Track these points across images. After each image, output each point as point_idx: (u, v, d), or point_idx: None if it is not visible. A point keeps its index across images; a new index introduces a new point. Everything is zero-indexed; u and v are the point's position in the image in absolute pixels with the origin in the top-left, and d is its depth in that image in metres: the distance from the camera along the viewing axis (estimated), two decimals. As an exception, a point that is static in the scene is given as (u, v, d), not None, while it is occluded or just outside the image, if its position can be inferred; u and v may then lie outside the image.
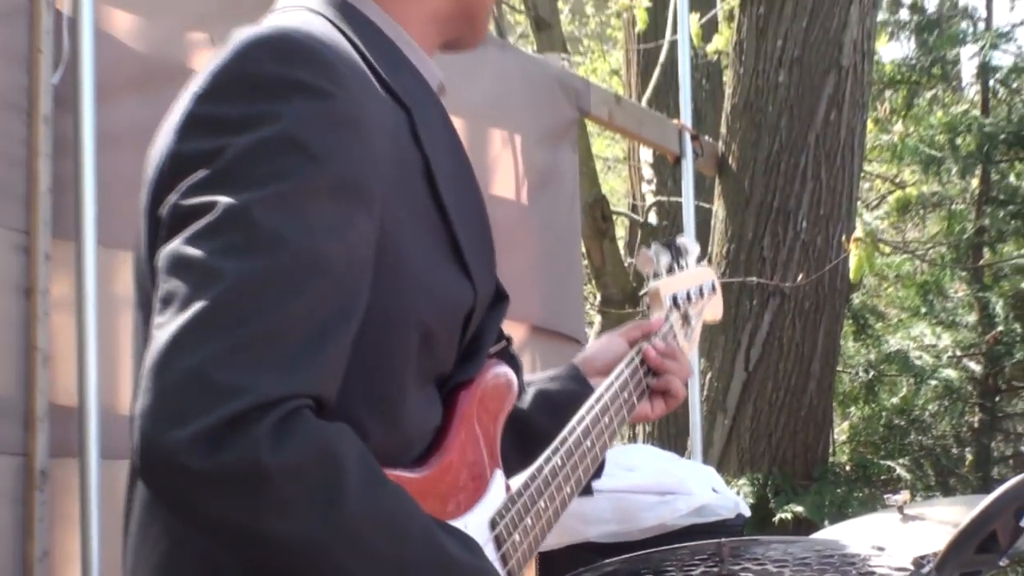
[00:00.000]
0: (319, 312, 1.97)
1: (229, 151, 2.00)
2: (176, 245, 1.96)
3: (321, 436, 1.93)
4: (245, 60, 2.10)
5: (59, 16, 3.99)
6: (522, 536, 2.36)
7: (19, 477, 3.84)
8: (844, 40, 8.80)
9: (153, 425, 1.87)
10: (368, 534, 1.97)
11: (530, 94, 6.29)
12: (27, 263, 3.91)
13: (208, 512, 1.92)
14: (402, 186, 2.17)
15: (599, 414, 2.60)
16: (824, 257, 8.61)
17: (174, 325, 1.89)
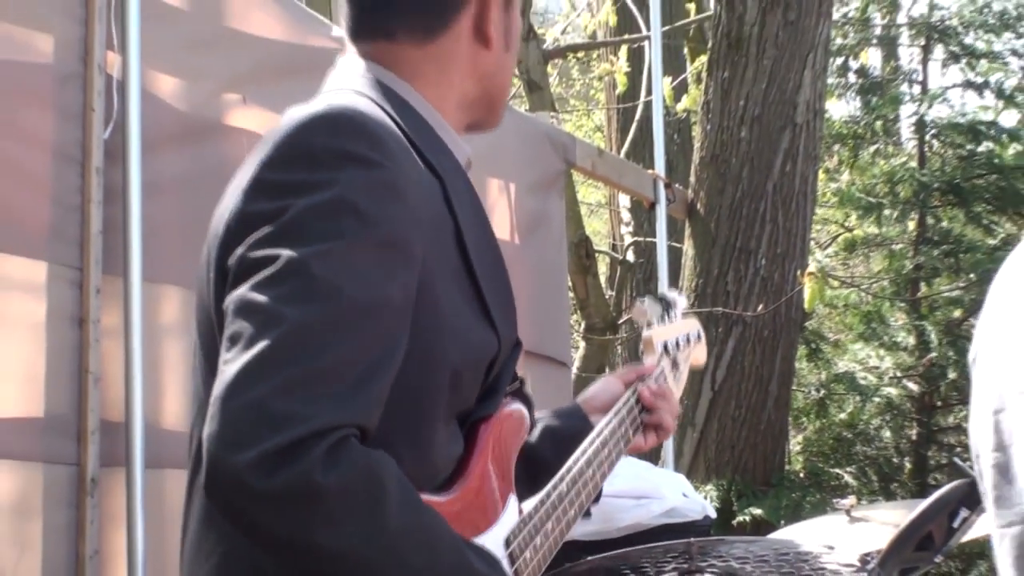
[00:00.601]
0: (366, 354, 1.99)
1: (291, 211, 2.02)
2: (243, 291, 1.99)
3: (366, 461, 1.95)
4: (305, 134, 2.13)
5: (110, 79, 4.00)
6: (532, 554, 2.35)
7: (73, 484, 3.85)
8: (798, 100, 8.81)
9: (220, 448, 1.90)
10: (405, 548, 1.99)
11: (523, 147, 6.30)
12: (80, 296, 3.91)
13: (266, 526, 1.94)
14: (437, 245, 2.18)
15: (599, 447, 2.60)
16: (781, 290, 8.61)
17: (240, 361, 1.92)
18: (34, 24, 3.92)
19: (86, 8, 3.99)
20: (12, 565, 3.73)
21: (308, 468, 1.87)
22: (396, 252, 2.07)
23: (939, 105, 10.89)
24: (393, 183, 2.09)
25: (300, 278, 1.97)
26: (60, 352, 3.86)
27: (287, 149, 2.12)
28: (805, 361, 10.35)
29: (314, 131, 2.13)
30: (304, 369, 1.92)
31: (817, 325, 10.74)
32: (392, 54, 2.35)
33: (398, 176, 2.11)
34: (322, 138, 2.12)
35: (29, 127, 3.87)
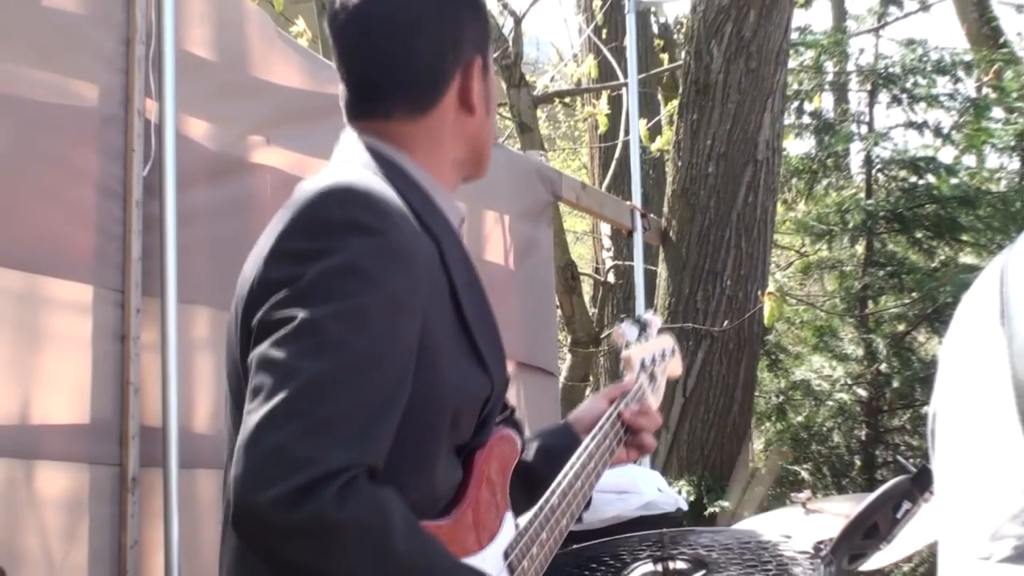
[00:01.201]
0: (373, 402, 2.01)
1: (306, 277, 2.04)
2: (264, 348, 2.01)
3: (374, 498, 1.97)
4: (316, 206, 2.15)
5: (148, 123, 4.00)
6: (529, 563, 2.36)
7: (115, 482, 3.84)
8: (759, 140, 8.82)
9: (244, 489, 1.93)
10: (409, 573, 2.01)
11: (515, 182, 6.31)
12: (122, 315, 3.91)
13: (286, 557, 1.97)
14: (436, 302, 2.20)
15: (587, 460, 2.59)
16: (744, 308, 8.61)
17: (262, 412, 1.94)
18: (82, 74, 3.92)
19: (127, 60, 4.00)
20: (62, 554, 3.72)
21: (322, 505, 1.89)
22: (399, 310, 2.09)
23: (884, 143, 10.88)
24: (395, 248, 2.11)
25: (313, 336, 2.00)
26: (104, 365, 3.86)
27: (302, 221, 2.15)
28: (766, 370, 10.33)
29: (324, 204, 2.15)
30: (318, 417, 1.95)
31: (777, 339, 10.71)
32: (390, 130, 2.35)
33: (399, 242, 2.12)
34: (331, 210, 2.14)
35: (77, 165, 3.87)
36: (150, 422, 3.93)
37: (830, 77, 11.85)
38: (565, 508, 2.49)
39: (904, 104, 10.89)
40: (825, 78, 11.80)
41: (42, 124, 3.78)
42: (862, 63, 11.11)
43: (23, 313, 3.70)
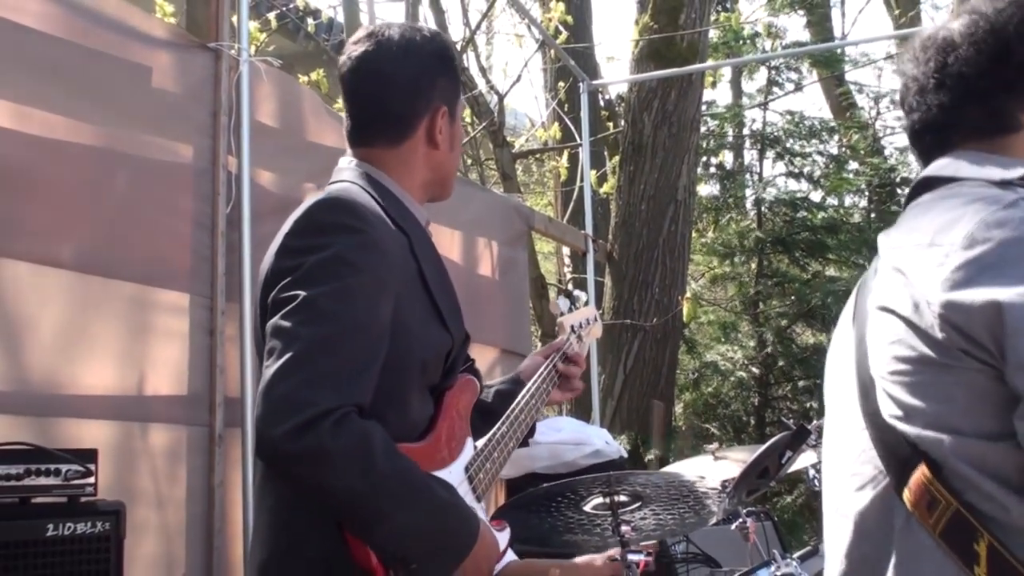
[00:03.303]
0: (358, 358, 2.05)
1: (305, 265, 2.08)
2: (275, 320, 2.05)
3: (361, 429, 2.00)
4: (313, 213, 2.20)
5: (229, 174, 4.00)
6: (484, 475, 2.39)
7: (206, 439, 3.84)
8: (679, 185, 8.83)
9: (263, 426, 1.95)
10: (389, 484, 2.03)
11: (499, 217, 6.31)
12: (211, 316, 3.91)
13: (295, 475, 1.99)
14: (407, 281, 2.24)
15: (528, 399, 2.63)
16: (668, 309, 8.62)
17: (274, 367, 1.98)
18: (181, 138, 3.92)
19: (214, 127, 4.00)
20: (167, 492, 3.72)
21: (321, 435, 1.93)
22: (377, 288, 2.12)
23: (770, 188, 10.94)
24: (374, 242, 2.14)
25: (311, 309, 2.03)
26: (198, 352, 3.86)
27: (302, 224, 2.20)
28: (685, 354, 10.34)
29: (319, 211, 2.20)
30: (316, 370, 1.98)
31: (694, 331, 10.73)
32: (374, 155, 2.39)
33: (377, 237, 2.16)
34: (324, 215, 2.18)
35: (177, 205, 3.87)
36: (232, 394, 3.92)
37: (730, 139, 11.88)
38: (512, 434, 2.54)
39: (785, 159, 10.94)
40: (727, 140, 11.83)
41: (152, 174, 3.78)
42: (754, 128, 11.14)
43: (138, 314, 3.70)
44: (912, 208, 1.67)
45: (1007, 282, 1.40)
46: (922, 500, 1.47)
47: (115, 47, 3.68)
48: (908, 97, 1.74)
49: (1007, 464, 1.42)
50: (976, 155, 1.66)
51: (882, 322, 1.56)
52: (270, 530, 2.19)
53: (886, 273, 1.59)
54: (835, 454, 1.70)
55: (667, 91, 8.81)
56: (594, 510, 3.24)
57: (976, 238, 1.45)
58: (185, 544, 3.72)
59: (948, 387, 1.46)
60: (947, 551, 1.45)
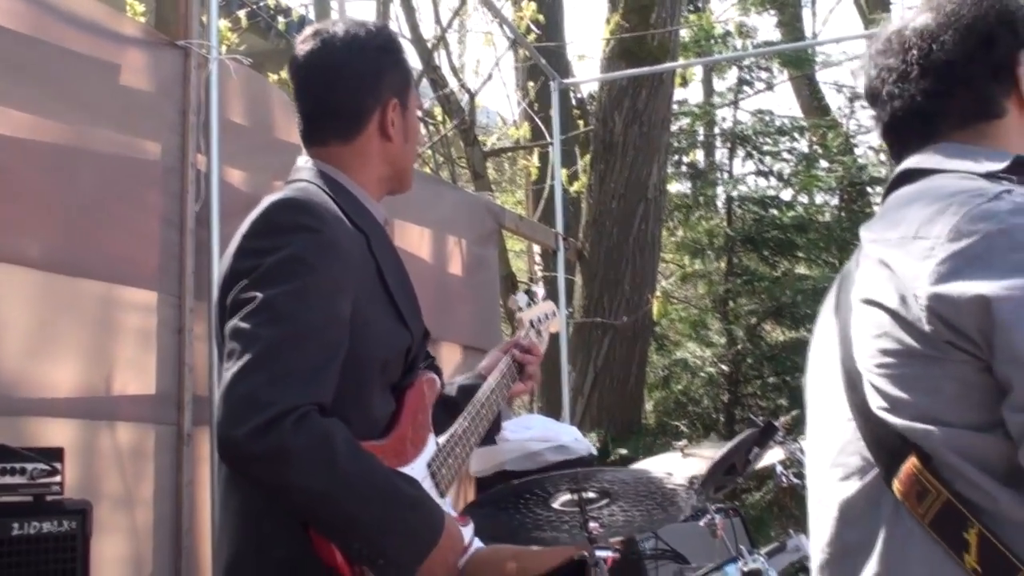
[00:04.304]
0: (317, 357, 2.05)
1: (262, 266, 2.08)
2: (234, 321, 2.05)
3: (322, 427, 2.01)
4: (270, 214, 2.20)
5: (198, 172, 3.99)
6: (447, 470, 2.41)
7: (174, 437, 3.83)
8: (649, 184, 8.86)
9: (224, 426, 1.96)
10: (351, 482, 2.04)
11: (470, 215, 6.31)
12: (179, 314, 3.90)
13: (258, 476, 2.00)
14: (365, 280, 2.24)
15: (490, 394, 2.65)
16: (639, 307, 8.64)
17: (234, 368, 1.99)
18: (150, 136, 3.91)
19: (183, 125, 3.99)
20: (135, 491, 3.70)
21: (282, 435, 1.93)
22: (333, 288, 2.12)
23: (740, 186, 10.97)
24: (330, 242, 2.15)
25: (270, 310, 2.03)
26: (166, 350, 3.84)
27: (259, 224, 2.19)
28: (655, 352, 10.37)
29: (276, 211, 2.20)
30: (275, 370, 1.98)
31: (664, 329, 10.76)
32: (329, 153, 2.39)
33: (334, 237, 2.16)
34: (281, 216, 2.18)
35: (145, 202, 3.85)
36: (200, 392, 3.91)
37: (702, 137, 11.92)
38: (474, 430, 2.56)
39: (755, 157, 10.98)
40: (698, 138, 11.86)
41: (120, 172, 3.76)
42: (724, 127, 11.18)
43: (106, 312, 3.68)
44: (893, 200, 1.68)
45: (994, 275, 1.41)
46: (912, 490, 1.48)
47: (84, 45, 3.67)
48: (885, 87, 1.74)
49: (994, 454, 1.44)
50: (959, 146, 1.67)
51: (867, 315, 1.57)
52: (236, 530, 2.19)
53: (870, 266, 1.59)
54: (820, 446, 1.71)
55: (638, 90, 8.83)
56: (562, 507, 3.25)
57: (962, 231, 1.46)
58: (153, 544, 3.71)
59: (935, 379, 1.47)
60: (936, 539, 1.47)
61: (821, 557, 1.65)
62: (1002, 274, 1.41)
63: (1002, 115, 1.69)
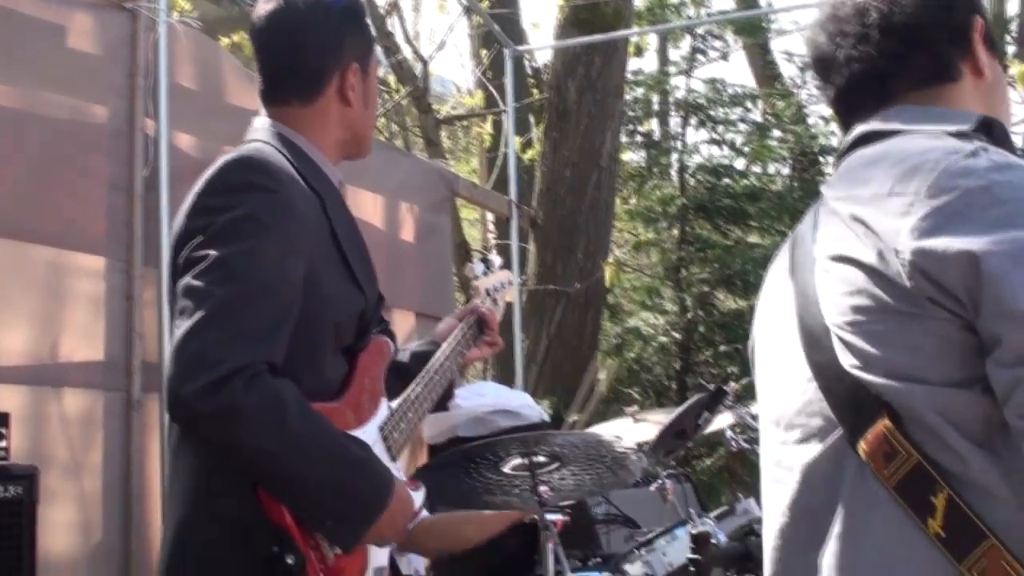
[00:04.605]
0: (269, 316, 2.04)
1: (216, 225, 2.07)
2: (186, 279, 2.04)
3: (273, 387, 2.00)
4: (225, 173, 2.18)
5: (147, 136, 3.96)
6: (399, 434, 2.41)
7: (123, 404, 3.81)
8: (603, 152, 8.85)
9: (174, 384, 1.96)
10: (302, 442, 2.04)
11: (423, 182, 6.29)
12: (128, 280, 3.87)
13: (208, 434, 2.00)
14: (319, 241, 2.23)
15: (444, 360, 2.63)
16: (592, 274, 8.65)
17: (185, 326, 1.98)
18: (97, 99, 3.88)
19: (131, 89, 3.95)
20: (83, 458, 3.69)
21: (233, 394, 1.93)
22: (287, 248, 2.11)
23: (694, 155, 11.00)
24: (285, 202, 2.13)
25: (222, 269, 2.02)
26: (115, 317, 3.82)
27: (214, 183, 2.17)
28: (608, 320, 10.39)
29: (230, 170, 2.18)
30: (227, 329, 1.98)
31: (617, 297, 10.78)
32: (288, 113, 2.37)
33: (288, 197, 2.15)
34: (235, 175, 2.16)
35: (92, 167, 3.82)
36: (149, 359, 3.89)
37: (656, 107, 11.93)
38: (427, 395, 2.55)
39: (708, 126, 11.00)
40: (652, 107, 11.87)
41: (66, 136, 3.73)
42: (678, 96, 11.19)
43: (53, 278, 3.65)
44: (856, 160, 1.65)
45: (978, 231, 1.40)
46: (879, 451, 1.47)
47: (28, 6, 3.62)
48: (842, 51, 1.73)
49: (971, 413, 1.43)
50: (921, 108, 1.67)
51: (837, 272, 1.54)
52: (186, 491, 2.18)
53: (837, 223, 1.57)
54: (775, 408, 1.69)
55: (592, 58, 8.81)
56: (513, 471, 3.26)
57: (942, 187, 1.45)
58: (102, 510, 3.70)
59: (914, 336, 1.46)
60: (901, 503, 1.45)
61: (780, 520, 1.62)
62: (986, 229, 1.40)
63: (958, 79, 1.69)
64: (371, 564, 2.26)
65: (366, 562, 2.25)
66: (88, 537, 3.64)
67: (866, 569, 1.49)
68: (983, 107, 1.69)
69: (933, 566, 1.43)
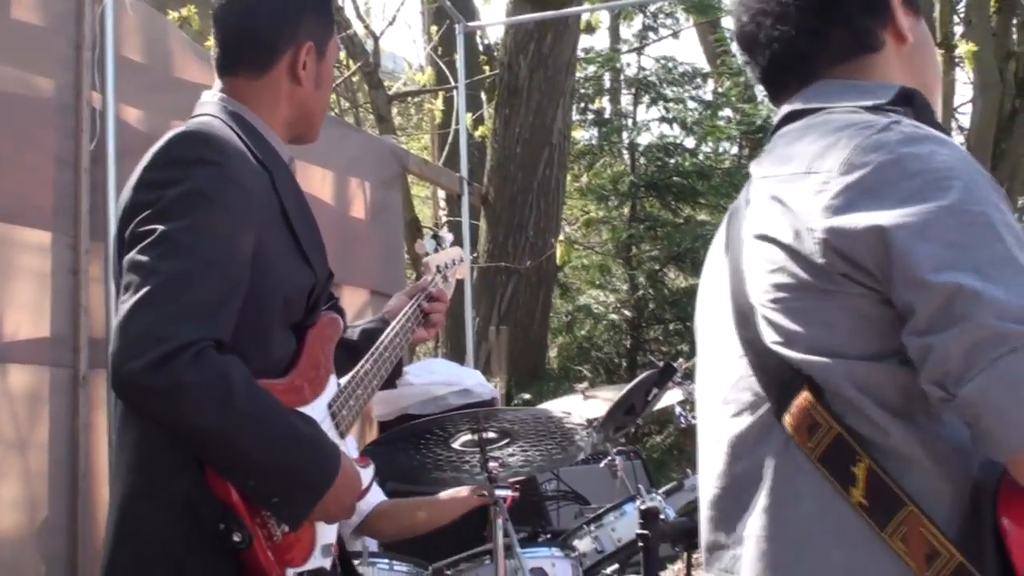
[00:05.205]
0: (216, 292, 2.02)
1: (163, 199, 2.04)
2: (133, 254, 2.01)
3: (219, 364, 1.98)
4: (171, 146, 2.15)
5: (93, 110, 3.91)
6: (347, 411, 2.39)
7: (70, 380, 3.77)
8: (554, 129, 8.87)
9: (119, 360, 1.93)
10: (248, 420, 2.02)
11: (374, 158, 6.27)
12: (74, 255, 3.83)
13: (152, 410, 1.98)
14: (268, 217, 2.20)
15: (393, 338, 2.62)
16: (543, 251, 8.68)
17: (131, 301, 1.95)
18: (43, 72, 3.82)
19: (77, 62, 3.90)
20: (29, 434, 3.65)
21: (178, 370, 1.91)
22: (235, 223, 2.09)
23: (645, 133, 11.05)
24: (234, 176, 2.12)
25: (169, 244, 2.00)
26: (61, 292, 3.78)
27: (160, 157, 2.14)
28: (559, 298, 10.44)
29: (177, 144, 2.15)
30: (174, 304, 1.96)
31: (568, 275, 10.82)
32: (238, 87, 2.35)
33: (235, 172, 2.13)
34: (182, 149, 2.14)
35: (39, 141, 3.77)
36: (96, 335, 3.85)
37: (608, 84, 11.94)
38: (376, 372, 2.53)
39: (659, 104, 11.04)
40: (604, 85, 11.89)
41: (11, 110, 3.67)
42: (629, 75, 11.22)
43: (-2, 253, 3.61)
44: (781, 138, 1.68)
45: (887, 205, 1.42)
46: (803, 424, 1.49)
47: (-29, -24, 3.56)
48: (762, 31, 1.75)
49: (889, 385, 1.46)
50: (842, 82, 1.69)
51: (760, 250, 1.57)
52: (130, 467, 2.16)
53: (762, 202, 1.60)
54: (711, 383, 1.71)
55: (543, 34, 8.82)
56: (462, 447, 3.28)
57: (854, 163, 1.47)
58: (48, 487, 3.66)
59: (830, 312, 1.48)
60: (824, 474, 1.48)
61: (712, 492, 1.66)
62: (895, 203, 1.43)
63: (879, 48, 1.71)
64: (319, 541, 2.26)
65: (314, 539, 2.25)
66: (34, 514, 3.61)
67: (792, 539, 1.52)
68: (907, 72, 1.71)
69: (857, 535, 1.46)
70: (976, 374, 1.35)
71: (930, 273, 1.38)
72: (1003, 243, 1.40)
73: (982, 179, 1.47)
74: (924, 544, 1.42)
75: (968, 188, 1.44)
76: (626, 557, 3.90)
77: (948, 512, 1.44)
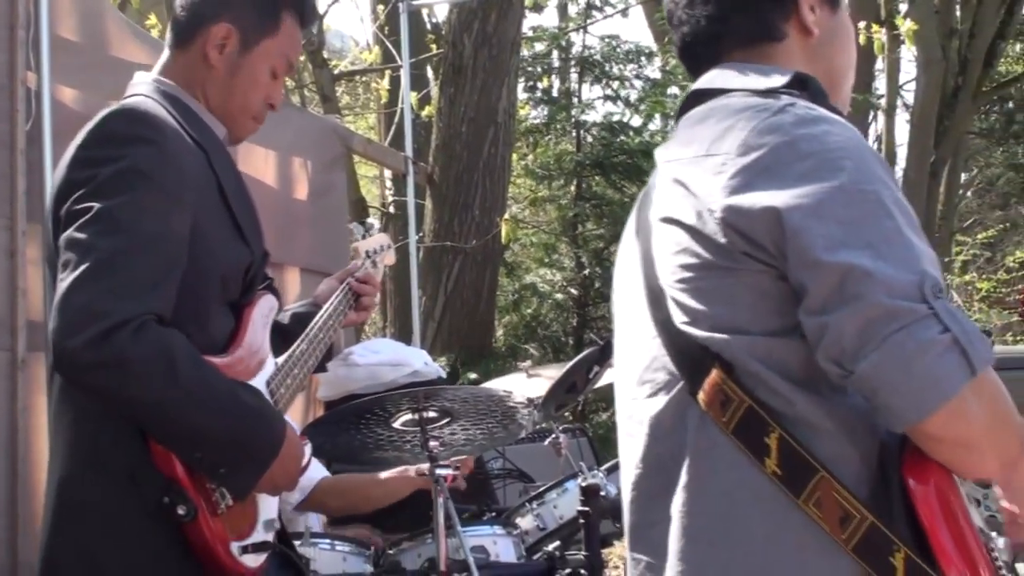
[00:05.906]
0: (155, 268, 2.03)
1: (99, 177, 2.05)
2: (70, 233, 2.02)
3: (161, 337, 1.99)
4: (107, 124, 2.16)
5: (29, 90, 3.87)
6: (285, 390, 2.41)
7: (9, 363, 3.74)
8: (499, 108, 8.87)
9: (59, 337, 1.94)
10: (193, 391, 2.03)
11: (317, 138, 6.24)
12: (11, 237, 3.79)
13: (96, 387, 1.99)
14: (204, 195, 2.21)
15: (325, 321, 2.64)
16: (488, 231, 8.69)
17: (70, 278, 1.96)
18: (-25, 52, 3.78)
19: (11, 41, 3.85)
20: (-34, 418, 3.62)
21: (120, 345, 1.92)
22: (172, 200, 2.10)
23: (589, 111, 11.08)
24: (169, 154, 2.12)
25: (107, 221, 2.01)
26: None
27: (95, 134, 2.15)
28: (505, 277, 10.46)
29: (113, 122, 2.16)
30: (112, 281, 1.96)
31: (515, 254, 10.84)
32: (171, 63, 2.38)
33: (172, 150, 2.14)
34: (118, 126, 2.15)
35: (-28, 122, 3.73)
36: (34, 317, 3.82)
37: (556, 63, 11.96)
38: (312, 352, 2.56)
39: (604, 82, 11.07)
40: (552, 64, 11.91)
41: (-57, 90, 3.63)
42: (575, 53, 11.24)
43: (-69, 236, 3.57)
44: (685, 121, 1.74)
45: (782, 186, 1.48)
46: (715, 399, 1.54)
47: (-102, -46, 3.51)
48: (677, 11, 1.81)
49: (791, 359, 1.51)
50: (741, 66, 1.74)
51: (666, 233, 1.61)
52: (69, 446, 2.16)
53: (666, 185, 1.64)
54: (627, 364, 1.75)
55: (488, 12, 8.81)
56: (403, 426, 3.28)
57: (750, 145, 1.52)
58: (-13, 470, 3.64)
59: (732, 289, 1.53)
60: (739, 446, 1.53)
61: (635, 473, 1.69)
62: (790, 184, 1.48)
63: (781, 38, 1.76)
64: (261, 516, 2.28)
65: (257, 513, 2.27)
66: (-28, 498, 3.59)
67: (713, 513, 1.56)
68: (811, 63, 1.76)
69: (775, 504, 1.51)
70: (870, 351, 1.41)
71: (824, 252, 1.44)
72: (893, 219, 1.46)
73: (872, 157, 1.53)
74: (837, 508, 1.47)
75: (858, 168, 1.49)
76: (568, 534, 3.92)
77: (857, 476, 1.50)
